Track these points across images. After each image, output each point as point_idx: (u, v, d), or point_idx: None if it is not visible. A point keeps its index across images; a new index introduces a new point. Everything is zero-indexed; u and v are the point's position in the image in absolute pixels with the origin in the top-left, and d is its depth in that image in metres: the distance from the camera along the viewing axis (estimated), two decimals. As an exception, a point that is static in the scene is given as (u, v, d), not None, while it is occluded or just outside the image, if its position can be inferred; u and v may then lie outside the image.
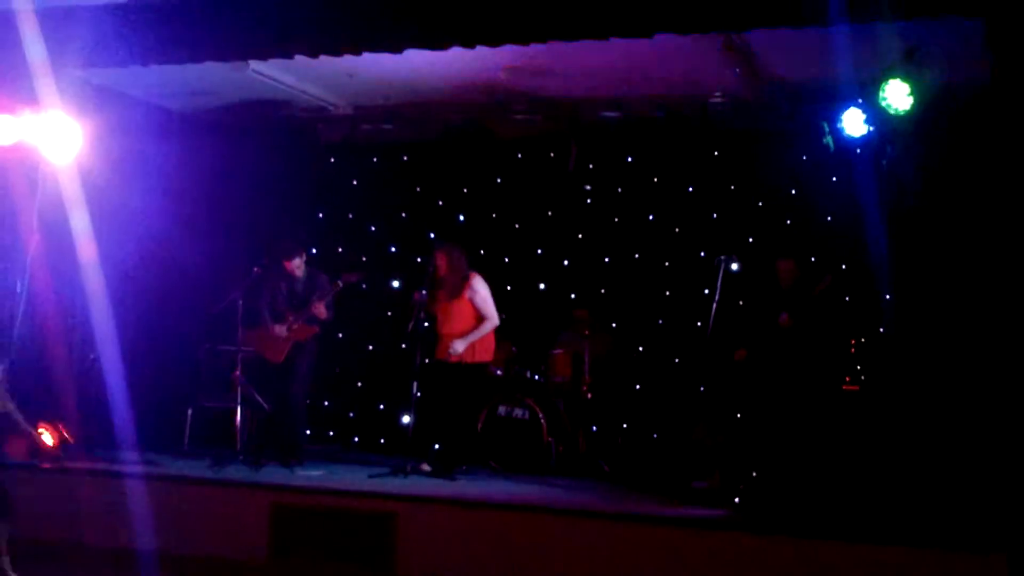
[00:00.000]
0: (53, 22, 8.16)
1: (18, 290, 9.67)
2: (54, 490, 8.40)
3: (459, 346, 9.34)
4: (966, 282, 8.47)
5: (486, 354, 9.53)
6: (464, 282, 9.46)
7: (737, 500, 8.00)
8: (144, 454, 9.21)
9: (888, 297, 9.10)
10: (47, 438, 9.10)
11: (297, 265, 9.77)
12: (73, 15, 8.07)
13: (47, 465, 8.71)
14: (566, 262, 11.09)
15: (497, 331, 9.74)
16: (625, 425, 10.49)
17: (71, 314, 9.70)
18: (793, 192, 10.23)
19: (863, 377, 8.99)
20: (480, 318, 9.43)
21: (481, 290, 9.49)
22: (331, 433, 11.51)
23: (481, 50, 7.62)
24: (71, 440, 9.22)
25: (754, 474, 8.48)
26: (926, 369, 8.41)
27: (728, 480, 8.50)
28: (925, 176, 7.98)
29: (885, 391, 8.60)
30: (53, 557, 7.96)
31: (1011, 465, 7.15)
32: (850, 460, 8.06)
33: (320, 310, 9.64)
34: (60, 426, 9.19)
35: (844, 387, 8.79)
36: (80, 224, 9.10)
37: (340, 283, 9.74)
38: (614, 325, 10.73)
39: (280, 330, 9.69)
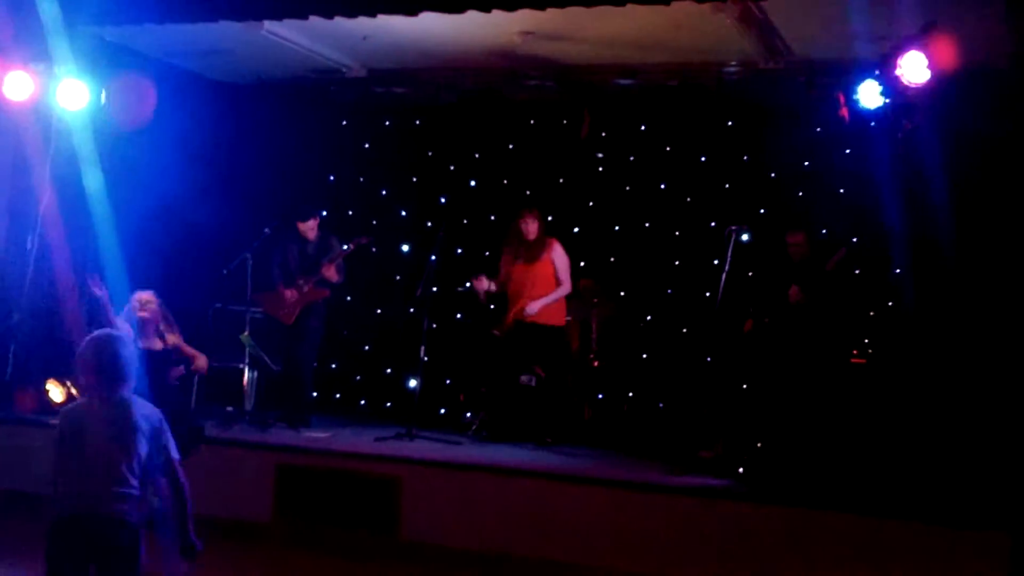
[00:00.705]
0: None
1: (29, 246, 9.71)
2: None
3: (535, 307, 9.44)
4: (979, 257, 8.45)
5: (561, 318, 9.66)
6: (546, 246, 9.58)
7: (741, 470, 8.01)
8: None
9: (899, 271, 9.08)
10: (55, 394, 9.14)
11: (311, 227, 9.81)
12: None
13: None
14: (576, 229, 11.06)
15: (499, 298, 9.89)
16: (631, 394, 10.49)
17: (82, 270, 9.70)
18: (806, 164, 10.19)
19: (871, 350, 8.98)
20: (558, 282, 9.55)
21: (562, 254, 9.64)
22: (338, 396, 11.55)
23: (497, 14, 7.59)
24: (79, 395, 9.25)
25: (759, 444, 8.49)
26: (936, 343, 8.40)
27: (733, 450, 8.51)
28: (941, 150, 7.93)
29: (893, 364, 8.60)
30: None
31: (1018, 442, 7.16)
32: (855, 433, 8.06)
33: (331, 272, 9.68)
34: (68, 382, 9.22)
35: (852, 359, 8.78)
36: (93, 181, 9.11)
37: (351, 245, 9.77)
38: (622, 294, 10.72)
39: (291, 293, 9.72)
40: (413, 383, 9.83)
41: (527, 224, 9.57)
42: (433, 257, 9.64)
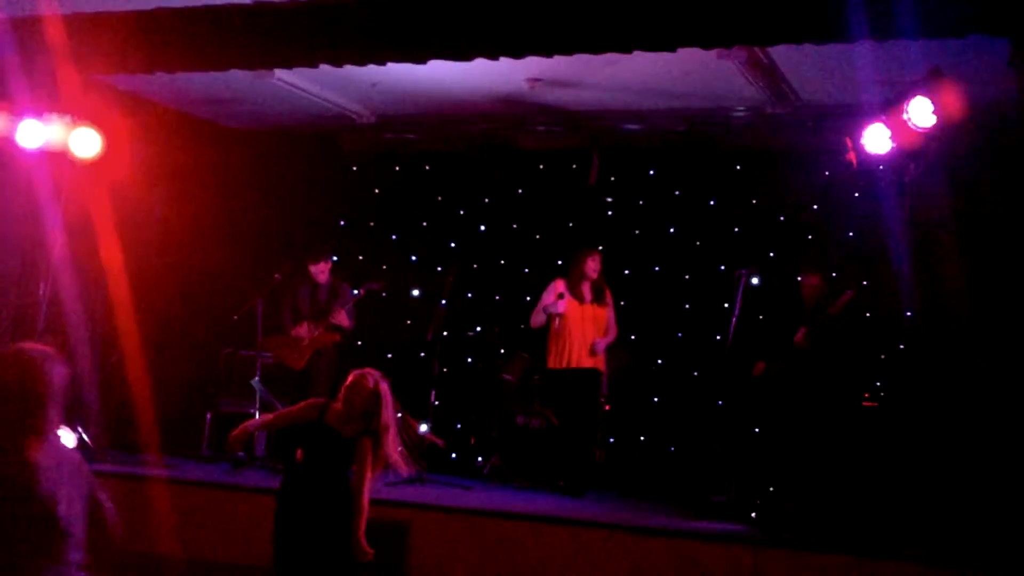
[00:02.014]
0: (79, 28, 8.23)
1: (41, 292, 9.74)
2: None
3: (601, 345, 9.54)
4: (989, 299, 8.44)
5: (603, 363, 9.70)
6: (606, 290, 9.72)
7: (754, 514, 7.98)
8: (162, 458, 9.25)
9: (909, 314, 9.07)
10: (66, 441, 9.15)
11: (322, 269, 9.85)
12: (99, 21, 8.12)
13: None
14: (586, 274, 11.08)
15: (513, 341, 9.81)
16: (643, 438, 10.47)
17: (93, 316, 9.73)
18: (815, 208, 10.20)
19: (882, 393, 8.96)
20: (608, 328, 9.69)
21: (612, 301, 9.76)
22: (348, 440, 11.50)
23: (505, 61, 7.65)
24: (91, 442, 9.27)
25: (771, 488, 8.46)
26: (946, 386, 8.38)
27: (745, 494, 8.48)
28: (948, 193, 7.96)
29: (904, 408, 8.57)
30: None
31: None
32: (867, 476, 8.03)
33: (342, 318, 9.70)
34: (80, 429, 9.24)
35: (863, 403, 8.75)
36: (104, 228, 9.16)
37: (361, 291, 9.80)
38: (632, 338, 10.71)
39: (301, 331, 9.72)
40: (424, 427, 9.82)
41: (597, 264, 9.66)
42: (443, 301, 9.67)
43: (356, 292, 9.86)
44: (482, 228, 11.49)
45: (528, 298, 10.84)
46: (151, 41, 8.18)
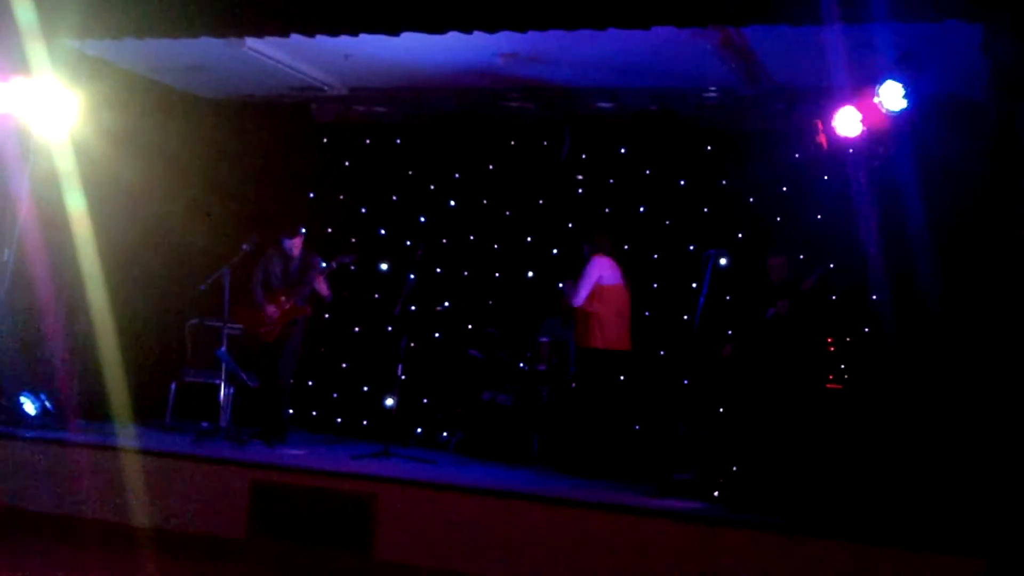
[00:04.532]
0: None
1: (5, 258, 9.65)
2: (34, 459, 8.38)
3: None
4: (955, 283, 8.50)
5: (621, 343, 9.55)
6: (589, 261, 9.56)
7: (716, 493, 8.02)
8: (127, 427, 9.21)
9: (875, 297, 9.12)
10: (29, 407, 9.09)
11: (296, 244, 9.81)
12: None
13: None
14: (555, 251, 11.09)
15: (477, 317, 9.79)
16: (608, 416, 10.47)
17: (61, 284, 9.65)
18: (784, 189, 10.23)
19: (847, 376, 9.01)
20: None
21: (592, 270, 9.50)
22: (314, 413, 11.51)
23: (478, 36, 7.63)
24: (52, 409, 9.21)
25: (734, 468, 8.50)
26: (911, 369, 8.43)
27: (708, 473, 8.52)
28: (918, 177, 8.00)
29: (869, 390, 8.62)
30: (30, 527, 7.97)
31: (994, 467, 7.19)
32: (831, 458, 8.08)
33: (322, 287, 9.68)
34: (43, 395, 9.18)
35: (827, 385, 8.80)
36: (71, 195, 9.08)
37: (334, 264, 9.77)
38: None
39: (272, 310, 9.70)
40: (390, 401, 9.82)
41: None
42: (412, 276, 9.64)
43: (324, 265, 9.82)
44: (452, 203, 11.46)
45: (496, 274, 10.86)
46: (121, 6, 8.11)
